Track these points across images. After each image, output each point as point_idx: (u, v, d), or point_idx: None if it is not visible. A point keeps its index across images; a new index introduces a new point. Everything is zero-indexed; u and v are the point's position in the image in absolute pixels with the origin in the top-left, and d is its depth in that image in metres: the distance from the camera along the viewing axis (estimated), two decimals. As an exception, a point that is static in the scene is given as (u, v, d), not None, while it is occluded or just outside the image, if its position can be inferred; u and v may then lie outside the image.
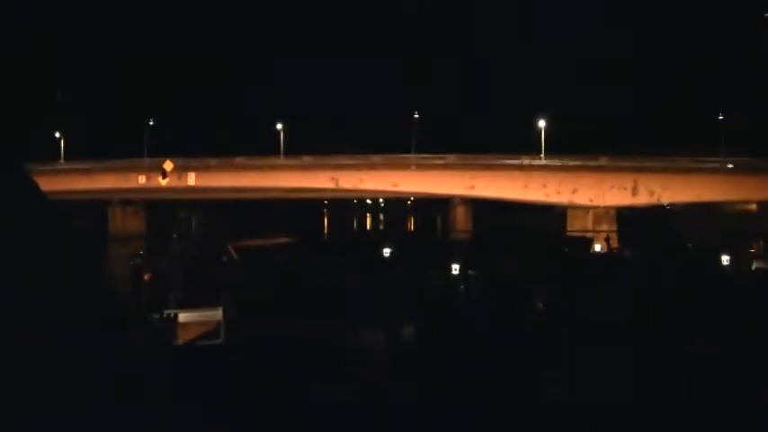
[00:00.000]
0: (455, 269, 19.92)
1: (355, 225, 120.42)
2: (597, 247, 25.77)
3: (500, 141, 70.55)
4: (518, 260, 19.14)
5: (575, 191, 67.40)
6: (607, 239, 25.58)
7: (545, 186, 67.86)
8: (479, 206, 76.29)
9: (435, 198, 79.23)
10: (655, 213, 69.05)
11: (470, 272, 19.64)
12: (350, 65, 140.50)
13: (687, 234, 55.41)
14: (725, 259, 22.27)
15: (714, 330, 12.87)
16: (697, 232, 58.88)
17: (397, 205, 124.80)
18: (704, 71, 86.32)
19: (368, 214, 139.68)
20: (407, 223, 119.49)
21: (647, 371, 11.12)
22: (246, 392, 10.66)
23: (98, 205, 79.93)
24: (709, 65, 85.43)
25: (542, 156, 69.99)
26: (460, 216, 77.10)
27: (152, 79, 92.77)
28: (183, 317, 16.91)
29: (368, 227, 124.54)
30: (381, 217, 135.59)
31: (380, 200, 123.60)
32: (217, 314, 16.70)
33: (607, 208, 66.52)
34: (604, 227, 61.97)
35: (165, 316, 16.67)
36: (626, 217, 67.27)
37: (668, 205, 68.55)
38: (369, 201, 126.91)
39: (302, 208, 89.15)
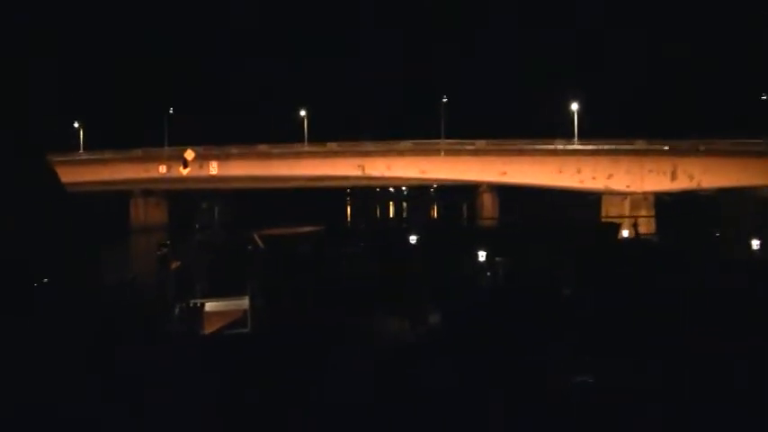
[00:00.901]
0: (482, 256, 20.47)
1: (378, 213, 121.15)
2: (625, 233, 26.15)
3: (531, 126, 70.57)
4: (544, 247, 19.57)
5: (610, 176, 67.30)
6: (634, 225, 25.90)
7: (579, 172, 67.83)
8: (507, 193, 76.45)
9: (460, 185, 79.39)
10: (689, 199, 68.65)
11: (497, 259, 20.18)
12: (375, 48, 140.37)
13: (721, 220, 55.17)
14: (755, 244, 22.58)
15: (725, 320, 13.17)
16: (732, 218, 58.50)
17: (419, 193, 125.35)
18: (745, 48, 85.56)
19: (390, 202, 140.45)
20: (431, 211, 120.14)
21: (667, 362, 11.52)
22: (267, 383, 11.05)
23: (119, 196, 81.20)
24: (751, 42, 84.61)
25: (575, 139, 69.93)
26: (487, 203, 77.38)
27: (171, 67, 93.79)
28: (209, 306, 17.63)
29: (391, 215, 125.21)
30: (404, 205, 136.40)
31: (403, 188, 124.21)
32: (243, 303, 17.37)
33: (645, 194, 66.34)
34: (642, 213, 61.78)
35: (191, 305, 17.39)
36: (665, 203, 66.94)
37: (701, 191, 68.08)
38: (391, 189, 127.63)
39: (324, 196, 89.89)
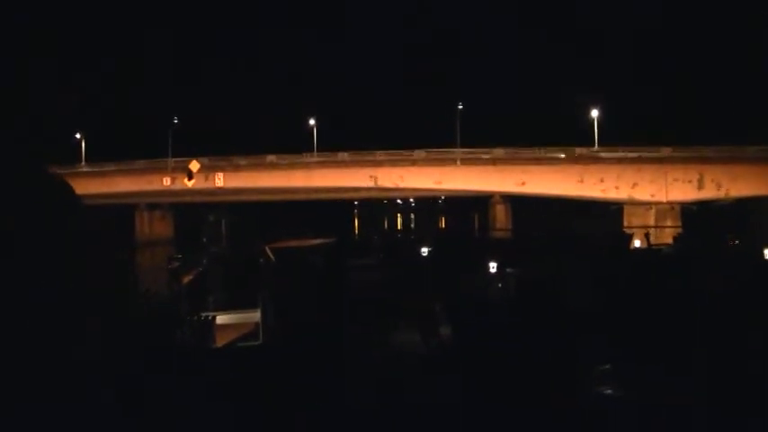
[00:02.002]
0: (492, 267, 21.34)
1: (386, 224, 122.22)
2: (637, 243, 26.98)
3: (550, 134, 70.90)
4: (555, 258, 20.42)
5: (635, 185, 67.65)
6: (646, 235, 26.74)
7: (602, 181, 68.17)
8: (521, 204, 76.96)
9: (471, 196, 79.77)
10: (716, 208, 68.86)
11: (508, 270, 21.03)
12: (385, 53, 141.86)
13: (746, 229, 55.38)
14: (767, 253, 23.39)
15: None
16: (758, 226, 58.61)
17: (427, 204, 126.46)
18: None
19: (399, 214, 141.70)
20: (439, 223, 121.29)
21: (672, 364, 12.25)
22: (278, 393, 11.65)
23: (123, 209, 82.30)
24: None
25: (596, 146, 70.09)
26: (500, 214, 77.91)
27: (175, 75, 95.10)
28: (220, 319, 18.51)
29: (399, 227, 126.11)
30: (412, 216, 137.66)
31: (411, 199, 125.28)
32: (255, 316, 18.23)
33: (671, 203, 66.75)
34: (668, 223, 61.88)
35: (203, 318, 18.28)
36: (691, 212, 67.16)
37: (729, 199, 68.19)
38: (399, 200, 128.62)
39: (332, 208, 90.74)
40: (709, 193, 67.14)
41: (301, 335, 16.63)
